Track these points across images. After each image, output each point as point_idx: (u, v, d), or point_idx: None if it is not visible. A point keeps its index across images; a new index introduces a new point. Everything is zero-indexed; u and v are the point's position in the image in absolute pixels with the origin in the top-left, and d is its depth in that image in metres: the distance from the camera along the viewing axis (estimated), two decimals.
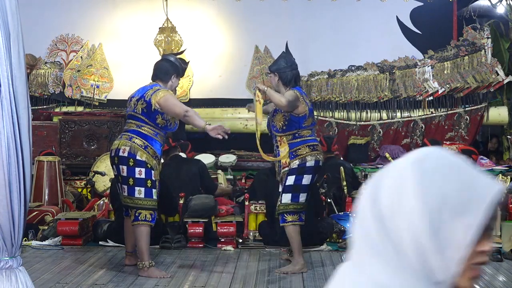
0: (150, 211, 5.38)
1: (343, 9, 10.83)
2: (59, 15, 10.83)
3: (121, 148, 5.40)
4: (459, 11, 10.89)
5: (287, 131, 5.56)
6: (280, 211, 5.58)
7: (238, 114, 10.59)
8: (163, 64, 5.74)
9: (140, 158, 5.36)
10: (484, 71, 9.81)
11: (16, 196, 2.90)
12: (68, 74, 10.72)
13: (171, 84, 5.70)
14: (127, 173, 5.37)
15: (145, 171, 5.37)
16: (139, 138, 5.41)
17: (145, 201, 5.37)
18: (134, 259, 5.62)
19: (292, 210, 5.56)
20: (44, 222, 6.96)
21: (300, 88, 5.71)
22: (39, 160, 7.70)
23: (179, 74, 5.77)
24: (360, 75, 10.16)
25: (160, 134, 5.48)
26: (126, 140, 5.42)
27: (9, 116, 2.86)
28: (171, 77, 5.69)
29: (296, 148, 5.54)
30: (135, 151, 5.36)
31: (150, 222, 5.38)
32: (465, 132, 9.88)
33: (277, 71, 5.67)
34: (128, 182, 5.37)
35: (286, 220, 5.57)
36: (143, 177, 5.37)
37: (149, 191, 5.38)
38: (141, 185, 5.36)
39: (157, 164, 5.48)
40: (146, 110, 5.43)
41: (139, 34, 10.77)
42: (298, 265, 5.52)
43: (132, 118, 5.54)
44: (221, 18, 10.98)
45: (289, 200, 5.54)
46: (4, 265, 2.93)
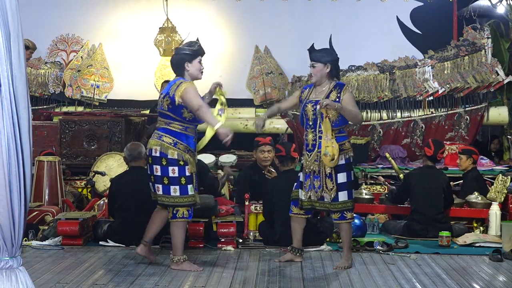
0: (187, 207, 5.54)
1: (343, 9, 10.83)
2: (59, 15, 10.84)
3: (153, 148, 5.54)
4: (459, 11, 10.90)
5: (340, 125, 5.64)
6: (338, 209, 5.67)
7: (238, 114, 10.59)
8: (173, 58, 5.77)
9: (171, 156, 5.48)
10: (484, 71, 9.81)
11: (16, 196, 2.90)
12: (68, 74, 10.72)
13: (190, 72, 5.68)
14: (161, 172, 5.51)
15: (178, 169, 5.48)
16: (168, 135, 5.53)
17: (181, 199, 5.52)
18: (147, 250, 5.75)
19: (351, 207, 5.70)
20: (44, 222, 6.96)
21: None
22: (39, 160, 7.70)
23: (192, 57, 5.66)
24: (360, 75, 10.16)
25: (190, 128, 5.58)
26: (156, 139, 5.56)
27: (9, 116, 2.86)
28: (185, 66, 5.66)
29: (342, 143, 5.62)
30: (166, 150, 5.49)
31: (187, 218, 5.58)
32: (465, 132, 9.88)
33: (332, 62, 5.71)
34: (163, 181, 5.51)
35: (346, 217, 5.70)
36: (177, 176, 5.49)
37: (184, 188, 5.50)
38: (175, 183, 5.49)
39: (191, 157, 5.55)
40: (172, 106, 5.54)
41: (139, 34, 10.78)
42: (350, 260, 5.74)
43: (161, 116, 5.67)
44: (221, 18, 10.98)
45: (346, 198, 5.65)
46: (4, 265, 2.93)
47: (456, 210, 7.41)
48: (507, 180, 7.50)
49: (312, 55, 5.79)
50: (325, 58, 5.72)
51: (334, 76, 5.77)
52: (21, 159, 2.90)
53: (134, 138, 8.74)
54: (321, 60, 5.72)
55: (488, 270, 5.67)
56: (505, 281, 5.31)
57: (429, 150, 7.25)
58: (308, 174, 5.70)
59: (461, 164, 7.94)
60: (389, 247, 6.41)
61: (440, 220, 7.03)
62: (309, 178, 5.69)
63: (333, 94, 5.66)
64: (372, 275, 5.40)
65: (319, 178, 5.65)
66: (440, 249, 6.49)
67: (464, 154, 7.92)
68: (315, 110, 5.60)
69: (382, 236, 7.05)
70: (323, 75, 5.72)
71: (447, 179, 7.37)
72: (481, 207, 7.38)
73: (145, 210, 6.50)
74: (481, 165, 9.22)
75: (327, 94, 5.67)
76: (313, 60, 5.76)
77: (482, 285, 5.16)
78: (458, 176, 8.53)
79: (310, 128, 5.67)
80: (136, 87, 10.83)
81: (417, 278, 5.30)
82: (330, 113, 5.54)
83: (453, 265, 5.82)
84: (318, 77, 5.74)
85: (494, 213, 7.11)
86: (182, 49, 5.73)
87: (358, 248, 6.38)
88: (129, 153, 6.69)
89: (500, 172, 8.56)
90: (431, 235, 6.88)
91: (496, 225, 7.02)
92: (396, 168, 8.25)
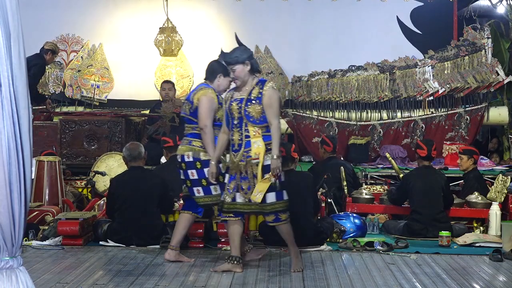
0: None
1: (343, 9, 10.84)
2: (59, 15, 10.84)
3: (185, 154, 5.74)
4: (459, 11, 10.90)
5: (264, 123, 5.37)
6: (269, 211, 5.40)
7: None
8: (211, 64, 5.91)
9: (204, 158, 5.67)
10: (485, 71, 9.81)
11: (16, 196, 2.90)
12: (69, 74, 10.73)
13: (218, 84, 5.83)
14: (198, 175, 5.72)
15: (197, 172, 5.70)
16: (197, 139, 5.72)
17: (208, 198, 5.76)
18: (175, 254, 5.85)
19: (282, 208, 5.42)
20: (45, 222, 6.97)
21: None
22: (40, 160, 7.70)
23: (226, 74, 5.78)
24: (361, 75, 10.16)
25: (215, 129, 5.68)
26: (186, 145, 5.75)
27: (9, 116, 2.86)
28: (217, 77, 5.82)
29: (269, 142, 5.35)
30: (197, 154, 5.68)
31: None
32: (466, 132, 9.88)
33: (249, 58, 5.49)
34: (202, 183, 5.71)
35: (280, 219, 5.44)
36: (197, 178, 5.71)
37: (222, 185, 5.60)
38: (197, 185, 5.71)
39: (222, 156, 5.68)
40: (192, 110, 5.73)
41: (139, 34, 10.78)
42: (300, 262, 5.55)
43: (186, 121, 5.85)
44: (221, 18, 10.98)
45: (274, 199, 5.37)
46: (4, 265, 2.93)
47: (456, 210, 7.41)
48: (507, 180, 7.50)
49: (227, 59, 5.54)
50: (242, 57, 5.48)
51: (255, 72, 5.54)
52: (21, 159, 2.90)
53: (134, 138, 8.74)
54: (238, 61, 5.47)
55: (488, 270, 5.67)
56: (505, 281, 5.32)
57: (422, 151, 7.26)
58: (233, 176, 5.44)
59: (462, 164, 7.94)
60: (389, 247, 6.41)
61: (440, 220, 7.03)
62: (234, 179, 5.43)
63: (255, 91, 5.42)
64: (372, 275, 5.40)
65: (247, 180, 5.38)
66: (440, 249, 6.49)
67: (465, 154, 7.92)
68: (240, 108, 5.41)
69: (382, 236, 7.05)
70: (245, 75, 5.48)
71: (446, 178, 7.37)
72: (481, 207, 7.38)
73: (145, 210, 6.51)
74: (481, 165, 9.22)
75: (250, 92, 5.43)
76: (230, 64, 5.50)
77: (482, 285, 5.16)
78: (458, 176, 8.53)
79: (235, 128, 5.44)
80: (136, 87, 10.83)
81: (417, 278, 5.30)
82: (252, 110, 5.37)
83: (453, 265, 5.82)
84: (242, 79, 5.47)
85: (494, 213, 7.12)
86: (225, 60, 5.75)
87: (358, 248, 6.38)
88: (128, 153, 6.69)
89: (500, 172, 8.56)
90: (431, 235, 6.89)
91: (496, 225, 7.02)
92: (396, 168, 8.26)
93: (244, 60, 5.47)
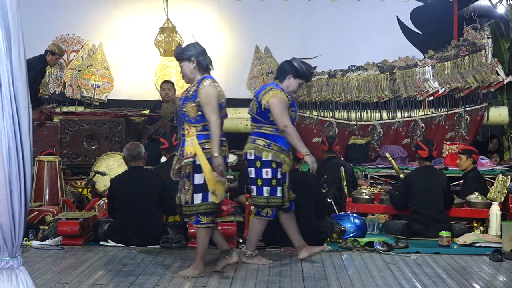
0: (272, 208, 5.72)
1: (343, 9, 10.84)
2: (59, 15, 10.85)
3: (248, 151, 5.75)
4: (459, 11, 10.91)
5: (200, 122, 5.23)
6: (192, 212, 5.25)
7: (238, 114, 10.58)
8: (282, 64, 5.90)
9: (265, 158, 5.66)
10: (485, 71, 9.81)
11: (16, 196, 2.90)
12: (69, 74, 10.73)
13: (287, 85, 5.79)
14: (255, 174, 5.70)
15: (271, 171, 5.66)
16: (261, 138, 5.71)
17: (271, 199, 5.70)
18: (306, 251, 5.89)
19: (205, 210, 5.25)
20: (45, 222, 6.97)
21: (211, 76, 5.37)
22: (40, 160, 7.70)
23: (296, 75, 5.76)
24: (361, 75, 10.16)
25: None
26: (251, 143, 5.76)
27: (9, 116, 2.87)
28: (287, 77, 5.78)
29: (203, 141, 5.19)
30: (260, 152, 5.67)
31: (270, 217, 5.75)
32: (466, 132, 9.88)
33: (196, 56, 5.33)
34: (257, 183, 5.70)
35: (200, 221, 5.27)
36: (270, 177, 5.66)
37: (274, 189, 5.67)
38: (267, 184, 5.67)
39: (286, 157, 5.70)
40: (259, 110, 5.72)
41: (139, 34, 10.78)
42: (197, 269, 5.30)
43: (252, 120, 5.87)
44: (221, 18, 10.99)
45: (200, 200, 5.24)
46: (4, 265, 2.93)
47: (456, 210, 7.41)
48: (507, 180, 7.50)
49: (175, 55, 5.44)
50: (188, 54, 5.34)
51: (204, 69, 5.36)
52: (21, 159, 2.90)
53: (134, 138, 8.74)
54: (183, 57, 5.36)
55: (488, 270, 5.67)
56: (505, 281, 5.32)
57: (423, 152, 7.26)
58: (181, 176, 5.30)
59: (461, 164, 7.94)
60: (389, 247, 6.41)
61: (440, 220, 7.02)
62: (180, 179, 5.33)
63: (193, 89, 5.30)
64: (372, 275, 5.40)
65: (183, 179, 5.28)
66: (440, 249, 6.49)
67: (464, 154, 7.92)
68: (178, 107, 5.34)
69: (382, 236, 7.05)
70: (192, 72, 5.36)
71: (446, 179, 7.37)
72: (481, 207, 7.38)
73: (145, 210, 6.51)
74: (481, 165, 9.23)
75: (189, 90, 5.34)
76: (178, 60, 5.42)
77: (482, 285, 5.16)
78: (458, 176, 8.53)
79: (179, 127, 5.38)
80: (137, 87, 10.83)
81: (417, 278, 5.30)
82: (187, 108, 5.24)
83: (453, 265, 5.82)
84: (188, 75, 5.37)
85: (494, 213, 7.11)
86: (296, 63, 5.80)
87: (358, 248, 6.38)
88: (128, 153, 6.69)
89: (500, 172, 8.56)
90: (431, 235, 6.88)
91: (496, 225, 7.02)
92: (397, 168, 8.26)
93: (189, 56, 5.33)
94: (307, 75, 5.84)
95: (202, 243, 5.35)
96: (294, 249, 6.23)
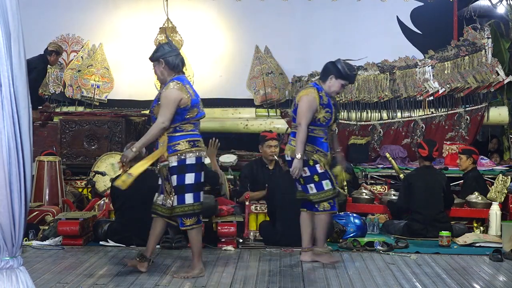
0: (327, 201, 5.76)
1: (343, 9, 10.85)
2: (59, 15, 10.85)
3: (286, 154, 5.81)
4: (459, 11, 10.91)
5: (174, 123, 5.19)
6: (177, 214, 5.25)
7: (238, 114, 10.59)
8: (326, 64, 5.90)
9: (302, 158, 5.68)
10: (485, 71, 9.81)
11: (16, 196, 2.90)
12: (69, 74, 10.73)
13: (329, 85, 5.80)
14: (310, 172, 5.69)
15: (309, 169, 5.68)
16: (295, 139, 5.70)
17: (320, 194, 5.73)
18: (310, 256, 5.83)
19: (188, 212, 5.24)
20: (45, 222, 6.97)
21: (184, 77, 5.35)
22: (40, 160, 7.70)
23: (339, 76, 5.76)
24: (361, 75, 10.16)
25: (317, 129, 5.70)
26: (289, 145, 5.81)
27: (9, 116, 2.87)
28: (329, 78, 5.78)
29: (175, 143, 5.15)
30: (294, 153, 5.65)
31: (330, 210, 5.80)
32: (466, 132, 9.88)
33: (163, 57, 5.28)
34: (314, 180, 5.71)
35: (184, 224, 5.26)
36: (309, 175, 5.70)
37: (319, 184, 5.71)
38: (310, 182, 5.71)
39: (321, 156, 5.68)
40: (294, 108, 5.82)
41: (139, 34, 10.78)
42: (197, 268, 5.30)
43: (292, 120, 5.93)
44: (221, 18, 10.99)
45: (176, 203, 5.23)
46: (4, 265, 2.93)
47: (456, 210, 7.41)
48: (507, 180, 7.50)
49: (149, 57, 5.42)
50: (156, 55, 5.35)
51: (173, 69, 5.30)
52: (21, 159, 2.90)
53: (134, 138, 8.73)
54: (153, 58, 5.37)
55: (488, 270, 5.67)
56: (505, 281, 5.31)
57: (423, 151, 7.25)
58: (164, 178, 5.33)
59: (461, 164, 7.94)
60: (389, 247, 6.41)
61: (440, 220, 7.02)
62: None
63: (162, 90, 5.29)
64: (372, 275, 5.40)
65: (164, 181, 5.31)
66: (440, 249, 6.49)
67: (464, 154, 7.92)
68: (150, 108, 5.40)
69: (382, 236, 7.05)
70: (162, 73, 5.34)
71: (446, 179, 7.37)
72: (481, 207, 7.38)
73: (145, 210, 6.50)
74: (481, 165, 9.23)
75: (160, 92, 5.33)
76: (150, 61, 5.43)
77: (482, 285, 5.16)
78: (458, 176, 8.54)
79: None
80: (137, 87, 10.84)
81: (417, 278, 5.30)
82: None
83: (453, 265, 5.82)
84: (159, 77, 5.37)
85: (494, 213, 7.11)
86: (339, 64, 5.80)
87: (358, 248, 6.38)
88: None
89: (500, 172, 8.56)
90: (431, 235, 6.88)
91: (496, 225, 7.02)
92: (397, 168, 8.25)
93: (157, 58, 5.33)
94: (350, 76, 5.82)
95: (194, 242, 5.35)
96: (294, 249, 6.23)
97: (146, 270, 5.36)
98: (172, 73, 5.31)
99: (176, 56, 5.34)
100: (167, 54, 5.32)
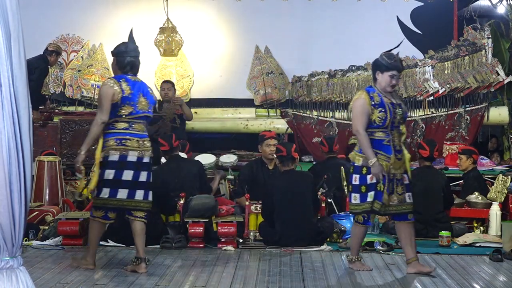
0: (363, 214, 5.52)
1: (343, 9, 10.84)
2: (59, 15, 10.84)
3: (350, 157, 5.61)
4: (459, 11, 10.91)
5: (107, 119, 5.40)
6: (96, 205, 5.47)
7: (238, 114, 10.60)
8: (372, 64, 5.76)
9: (357, 164, 5.46)
10: (485, 71, 9.81)
11: (16, 196, 2.90)
12: (69, 74, 10.73)
13: (379, 82, 5.59)
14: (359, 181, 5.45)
15: (360, 177, 5.43)
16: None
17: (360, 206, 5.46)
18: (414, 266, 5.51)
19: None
20: (45, 222, 6.97)
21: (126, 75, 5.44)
22: (40, 160, 7.70)
23: (383, 69, 5.56)
24: (361, 75, 10.16)
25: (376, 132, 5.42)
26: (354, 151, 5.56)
27: (9, 116, 2.87)
28: (376, 75, 5.62)
29: (106, 139, 5.42)
30: (353, 157, 5.49)
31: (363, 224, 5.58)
32: (466, 132, 9.88)
33: (116, 55, 5.53)
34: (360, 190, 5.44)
35: (92, 213, 5.53)
36: (358, 183, 5.44)
37: (364, 195, 5.43)
38: (356, 191, 5.46)
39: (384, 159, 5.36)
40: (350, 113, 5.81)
41: (139, 34, 10.71)
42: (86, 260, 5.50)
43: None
44: (221, 18, 10.99)
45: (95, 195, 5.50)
46: (4, 265, 2.93)
47: (456, 210, 7.41)
48: (507, 180, 7.50)
49: None
50: (112, 51, 5.55)
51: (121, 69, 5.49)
52: (21, 159, 2.90)
53: None
54: (112, 52, 5.59)
55: (488, 270, 5.67)
56: (505, 281, 5.32)
57: (424, 152, 7.26)
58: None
59: (461, 164, 7.94)
60: (389, 247, 6.41)
61: (440, 220, 7.03)
62: None
63: None
64: (372, 275, 5.40)
65: None
66: (440, 249, 6.49)
67: (464, 154, 7.92)
68: None
69: (382, 236, 7.05)
70: (114, 69, 5.56)
71: (446, 179, 7.37)
72: (481, 207, 7.38)
73: None
74: (481, 165, 9.22)
75: None
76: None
77: (482, 285, 5.16)
78: (458, 176, 8.53)
79: None
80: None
81: (417, 278, 5.30)
82: None
83: (453, 265, 5.82)
84: (113, 71, 5.63)
85: (495, 213, 7.12)
86: (380, 57, 5.68)
87: None
88: None
89: (500, 172, 8.56)
90: (431, 235, 6.88)
91: (496, 225, 7.02)
92: None
93: (112, 53, 5.57)
94: (392, 64, 5.58)
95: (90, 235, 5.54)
96: (294, 249, 6.22)
97: (146, 270, 5.36)
98: (119, 72, 5.49)
99: (126, 58, 5.51)
100: (119, 54, 5.54)
